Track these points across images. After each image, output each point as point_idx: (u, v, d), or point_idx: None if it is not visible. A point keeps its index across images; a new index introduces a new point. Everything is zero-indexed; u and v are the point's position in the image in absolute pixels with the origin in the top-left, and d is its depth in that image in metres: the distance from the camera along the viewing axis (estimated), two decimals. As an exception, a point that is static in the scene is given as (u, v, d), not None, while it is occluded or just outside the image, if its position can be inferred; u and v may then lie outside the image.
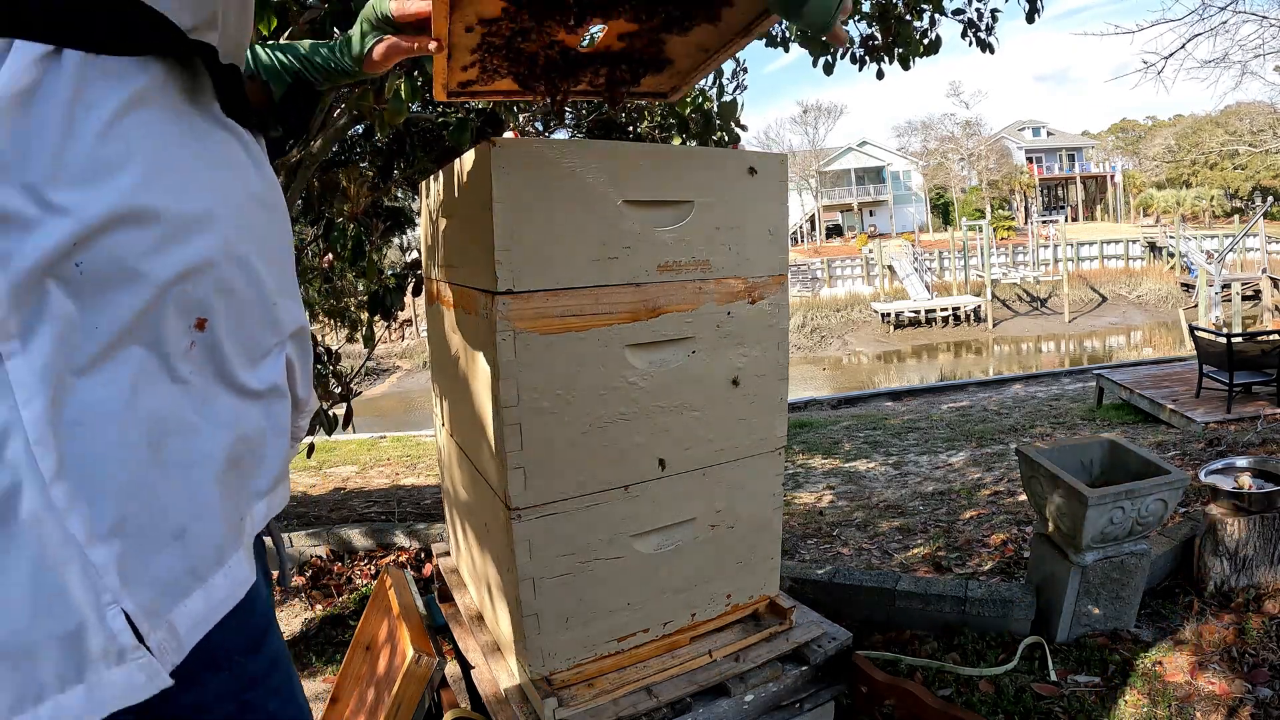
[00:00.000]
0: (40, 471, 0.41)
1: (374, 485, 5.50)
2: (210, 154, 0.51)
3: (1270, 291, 19.66)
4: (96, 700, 0.44)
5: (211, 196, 0.49)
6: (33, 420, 0.40)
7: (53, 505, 0.42)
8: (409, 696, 1.46)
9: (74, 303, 0.42)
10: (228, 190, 0.52)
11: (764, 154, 1.33)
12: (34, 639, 0.42)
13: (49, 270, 0.41)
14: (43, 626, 0.42)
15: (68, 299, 0.42)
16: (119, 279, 0.44)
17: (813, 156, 39.53)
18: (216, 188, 0.50)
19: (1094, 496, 1.96)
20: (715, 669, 1.34)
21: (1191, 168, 37.68)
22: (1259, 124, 32.20)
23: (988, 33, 3.44)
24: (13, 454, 0.40)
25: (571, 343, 1.15)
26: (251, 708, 0.56)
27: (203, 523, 0.50)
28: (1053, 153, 39.96)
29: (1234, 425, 5.33)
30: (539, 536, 1.18)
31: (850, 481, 4.93)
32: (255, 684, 0.57)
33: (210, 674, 0.52)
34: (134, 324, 0.45)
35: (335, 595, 2.88)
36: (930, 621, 2.24)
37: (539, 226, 1.09)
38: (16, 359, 0.40)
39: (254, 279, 0.53)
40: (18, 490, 0.40)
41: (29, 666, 0.43)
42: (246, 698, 0.56)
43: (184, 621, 0.48)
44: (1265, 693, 1.81)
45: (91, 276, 0.42)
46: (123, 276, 0.44)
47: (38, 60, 0.41)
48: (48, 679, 0.43)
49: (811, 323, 24.41)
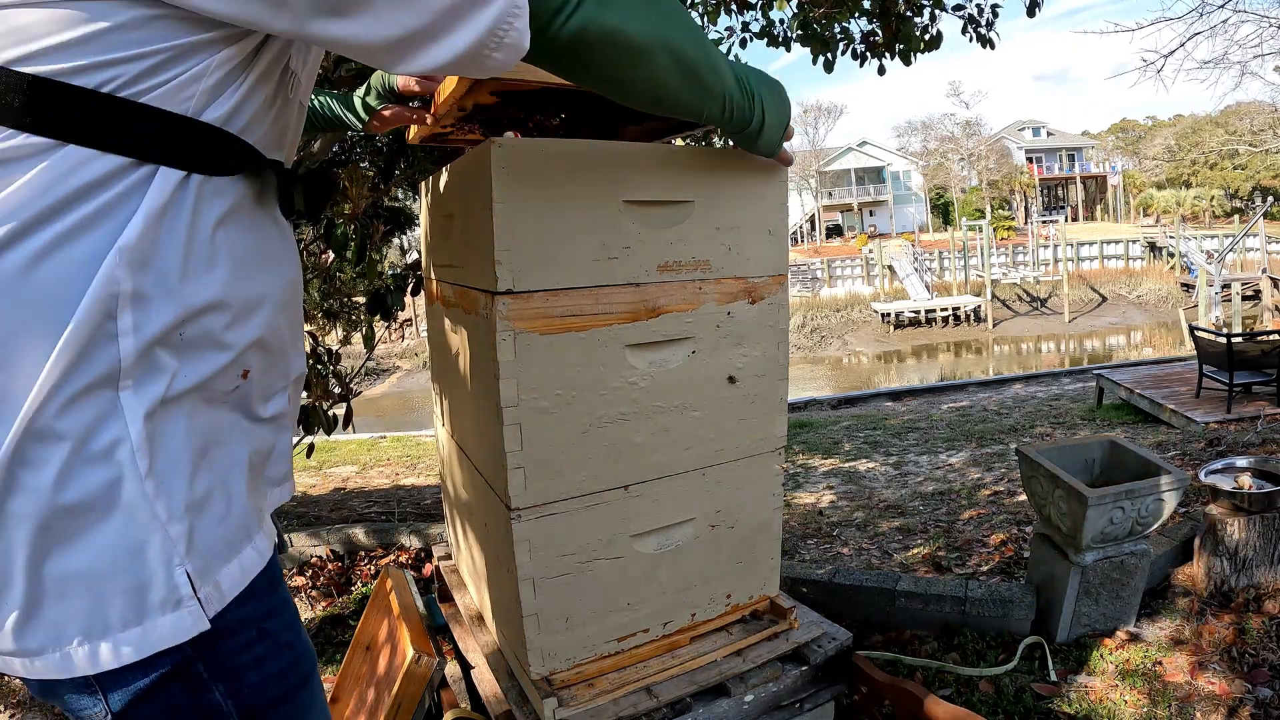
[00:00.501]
0: (139, 470, 0.57)
1: (374, 485, 5.50)
2: (266, 249, 0.68)
3: (1270, 291, 19.65)
4: (147, 641, 0.59)
5: (266, 286, 0.68)
6: (136, 434, 0.57)
7: (146, 494, 0.58)
8: (409, 696, 1.47)
9: (174, 359, 0.59)
10: (276, 280, 0.70)
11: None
12: (114, 582, 0.57)
13: (162, 339, 0.58)
14: (124, 571, 0.58)
15: (171, 357, 0.59)
16: (206, 345, 0.62)
17: (813, 156, 39.53)
18: (270, 279, 0.69)
19: (1094, 496, 1.96)
20: (715, 669, 1.34)
21: (1191, 168, 37.68)
22: (1259, 124, 32.20)
23: (988, 28, 3.44)
24: (122, 456, 0.57)
25: (571, 343, 1.15)
26: (268, 633, 0.70)
27: (236, 508, 0.67)
28: (1053, 153, 39.97)
29: (1234, 425, 5.33)
30: (539, 536, 1.18)
31: (850, 481, 4.93)
32: (272, 615, 0.71)
33: (239, 605, 0.66)
34: (210, 374, 0.62)
35: (335, 595, 2.88)
36: (930, 621, 2.24)
37: (539, 226, 1.09)
38: (129, 392, 0.57)
39: (280, 343, 0.72)
40: (121, 481, 0.57)
41: (102, 606, 0.57)
42: (265, 625, 0.69)
43: (227, 580, 0.65)
44: (1265, 693, 1.81)
45: (190, 342, 0.60)
46: (209, 344, 0.62)
47: (178, 183, 0.57)
48: (113, 619, 0.58)
49: (811, 323, 24.42)
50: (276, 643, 0.70)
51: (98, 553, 0.57)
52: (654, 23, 0.72)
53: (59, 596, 0.57)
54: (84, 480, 0.56)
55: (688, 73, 0.78)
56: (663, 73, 0.76)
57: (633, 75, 0.75)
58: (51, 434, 0.54)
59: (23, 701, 2.17)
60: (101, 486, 0.56)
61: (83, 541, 0.56)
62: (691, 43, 0.78)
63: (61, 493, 0.55)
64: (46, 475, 0.54)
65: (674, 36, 0.74)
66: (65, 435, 0.55)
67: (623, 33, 0.69)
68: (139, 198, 0.55)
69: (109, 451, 0.56)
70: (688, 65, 0.78)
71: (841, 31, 3.31)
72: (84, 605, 0.57)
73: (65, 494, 0.55)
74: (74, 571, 0.57)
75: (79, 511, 0.56)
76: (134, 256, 0.55)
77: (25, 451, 0.54)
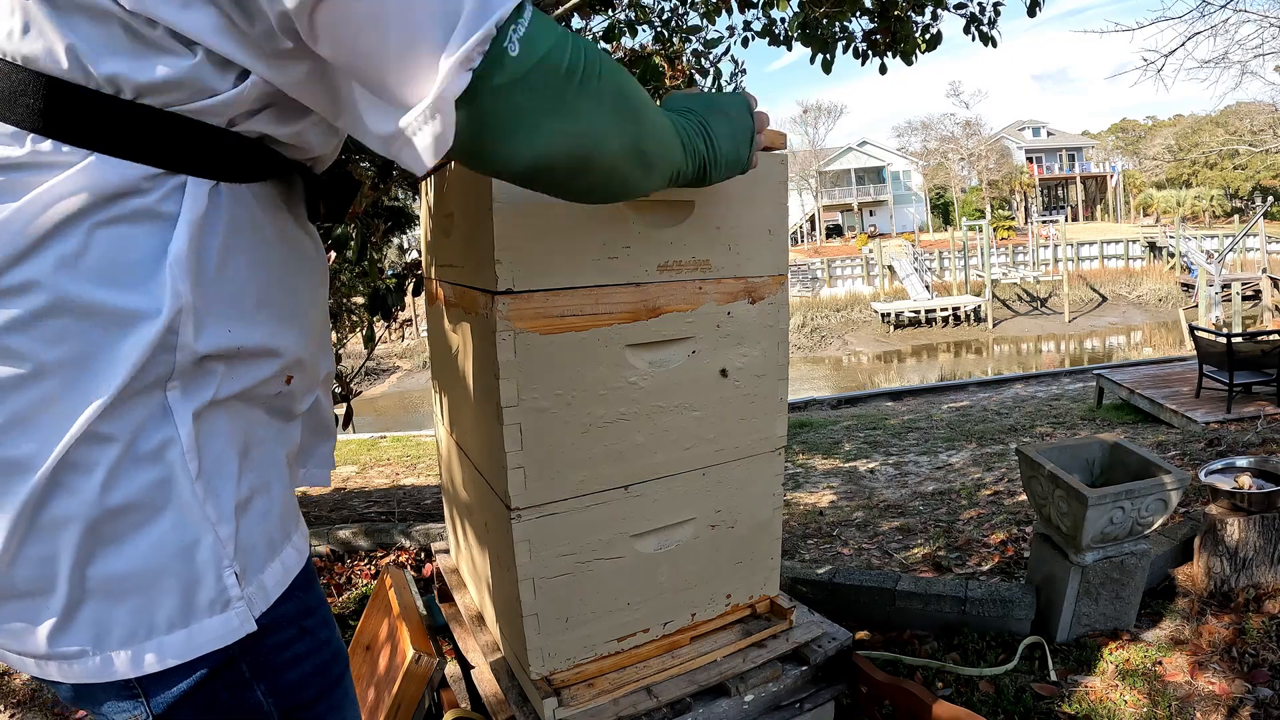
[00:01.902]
0: (190, 470, 0.58)
1: (374, 485, 5.50)
2: (303, 256, 0.70)
3: (1270, 291, 19.65)
4: (194, 643, 0.59)
5: (304, 295, 0.70)
6: (186, 435, 0.57)
7: (196, 494, 0.58)
8: (409, 696, 1.47)
9: (224, 365, 0.60)
10: (313, 286, 0.72)
11: (764, 154, 1.32)
12: (162, 584, 0.57)
13: (215, 355, 0.59)
14: (173, 572, 0.58)
15: (221, 363, 0.60)
16: (258, 356, 0.63)
17: (813, 156, 39.54)
18: (306, 287, 0.70)
19: (1094, 496, 1.96)
20: (715, 669, 1.34)
21: (1191, 168, 37.69)
22: (1259, 124, 32.19)
23: (990, 26, 3.43)
24: (172, 456, 0.57)
25: (571, 343, 1.15)
26: (309, 631, 0.70)
27: (276, 507, 0.67)
28: (1053, 153, 39.97)
29: (1234, 425, 5.33)
30: (539, 536, 1.18)
31: (850, 481, 4.93)
32: (311, 613, 0.71)
33: (280, 603, 0.66)
34: (257, 381, 0.64)
35: (335, 595, 2.88)
36: (930, 621, 2.24)
37: (539, 226, 1.09)
38: (175, 393, 0.57)
39: (314, 347, 0.73)
40: (173, 480, 0.57)
41: (148, 608, 0.57)
42: (305, 623, 0.70)
43: (271, 580, 0.65)
44: (1265, 693, 1.81)
45: (243, 354, 0.62)
46: (261, 354, 0.63)
47: (209, 191, 0.57)
48: (159, 621, 0.58)
49: (811, 323, 24.42)
50: (315, 640, 0.70)
51: (146, 554, 0.57)
52: (626, 135, 0.66)
53: (102, 599, 0.56)
54: (133, 481, 0.55)
55: (647, 168, 0.72)
56: (628, 177, 0.70)
57: (602, 188, 0.70)
58: (100, 436, 0.54)
59: (23, 701, 2.17)
60: (151, 487, 0.56)
61: (130, 544, 0.56)
62: (654, 138, 0.71)
63: (109, 494, 0.55)
64: (95, 478, 0.54)
65: (638, 136, 0.67)
66: (115, 437, 0.55)
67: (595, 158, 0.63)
68: (176, 206, 0.55)
69: (159, 452, 0.56)
70: (648, 161, 0.71)
71: (842, 31, 3.31)
72: (129, 608, 0.57)
73: (113, 495, 0.55)
74: (120, 574, 0.56)
75: (127, 513, 0.56)
76: (186, 267, 0.55)
77: (74, 455, 0.54)
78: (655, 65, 2.56)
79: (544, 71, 0.56)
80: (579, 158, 0.62)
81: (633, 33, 3.04)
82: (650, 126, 0.70)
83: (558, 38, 0.58)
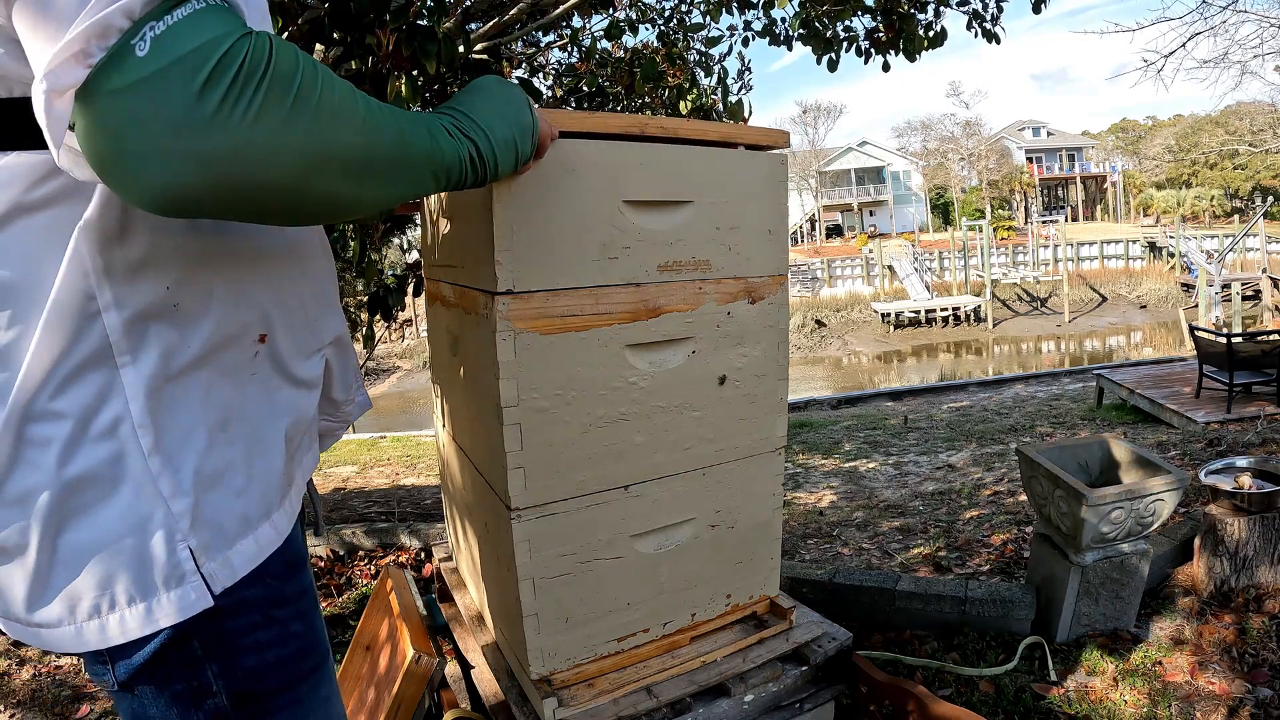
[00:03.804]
0: (141, 446, 0.58)
1: (374, 485, 5.50)
2: None
3: (1270, 291, 19.64)
4: (151, 617, 0.60)
5: (262, 245, 0.66)
6: (137, 411, 0.58)
7: (149, 470, 0.59)
8: (409, 696, 1.46)
9: (173, 330, 0.59)
10: (275, 237, 0.69)
11: (764, 154, 1.32)
12: (119, 557, 0.58)
13: (151, 313, 0.58)
14: (128, 546, 0.59)
15: (169, 329, 0.59)
16: (204, 313, 0.61)
17: (813, 156, 39.52)
18: (265, 237, 0.67)
19: (1094, 497, 1.96)
20: (715, 669, 1.34)
21: (1191, 168, 37.68)
22: (1259, 124, 32.19)
23: (994, 23, 3.42)
24: (124, 432, 0.58)
25: (571, 343, 1.15)
26: (276, 621, 0.68)
27: (257, 483, 0.66)
28: (1053, 153, 39.95)
29: (1234, 425, 5.33)
30: (539, 536, 1.18)
31: (850, 481, 4.93)
32: (282, 603, 0.69)
33: (247, 585, 0.65)
34: (215, 343, 0.62)
35: (335, 595, 2.88)
36: (930, 621, 2.24)
37: (539, 226, 1.09)
38: (128, 369, 0.57)
39: (298, 301, 0.71)
40: (124, 456, 0.58)
41: (110, 580, 0.58)
42: (274, 612, 0.68)
43: (239, 557, 0.64)
44: (1265, 693, 1.81)
45: (186, 313, 0.60)
46: (208, 311, 0.61)
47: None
48: (119, 595, 0.59)
49: (811, 322, 24.41)
50: (283, 631, 0.69)
51: (108, 526, 0.58)
52: (311, 148, 0.53)
53: (71, 569, 0.58)
54: (87, 456, 0.57)
55: (365, 178, 0.59)
56: (336, 194, 0.57)
57: (295, 209, 0.57)
58: (50, 414, 0.56)
59: (23, 701, 2.17)
60: (104, 463, 0.58)
61: (92, 516, 0.58)
62: (357, 142, 0.57)
63: (66, 468, 0.56)
64: (51, 452, 0.56)
65: (329, 146, 0.54)
66: (65, 414, 0.56)
67: (260, 180, 0.51)
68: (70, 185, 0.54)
69: (111, 429, 0.57)
70: (364, 171, 0.58)
71: (844, 29, 3.30)
72: (94, 580, 0.58)
73: (69, 469, 0.57)
74: (84, 545, 0.58)
75: (88, 485, 0.57)
76: (100, 233, 0.55)
77: (26, 430, 0.56)
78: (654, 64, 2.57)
79: (176, 75, 0.45)
80: (235, 183, 0.50)
81: (634, 31, 3.05)
82: (358, 131, 0.56)
83: (217, 36, 0.47)
